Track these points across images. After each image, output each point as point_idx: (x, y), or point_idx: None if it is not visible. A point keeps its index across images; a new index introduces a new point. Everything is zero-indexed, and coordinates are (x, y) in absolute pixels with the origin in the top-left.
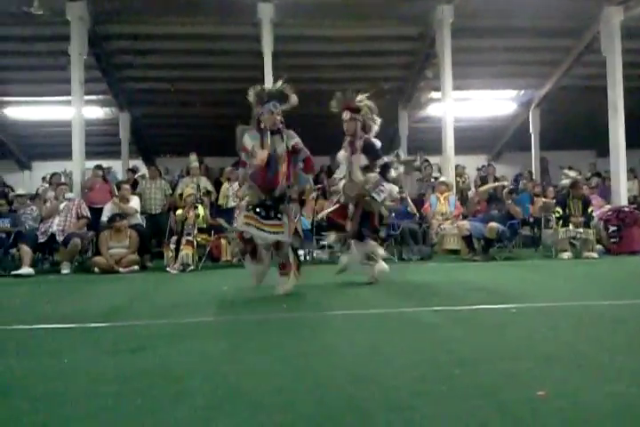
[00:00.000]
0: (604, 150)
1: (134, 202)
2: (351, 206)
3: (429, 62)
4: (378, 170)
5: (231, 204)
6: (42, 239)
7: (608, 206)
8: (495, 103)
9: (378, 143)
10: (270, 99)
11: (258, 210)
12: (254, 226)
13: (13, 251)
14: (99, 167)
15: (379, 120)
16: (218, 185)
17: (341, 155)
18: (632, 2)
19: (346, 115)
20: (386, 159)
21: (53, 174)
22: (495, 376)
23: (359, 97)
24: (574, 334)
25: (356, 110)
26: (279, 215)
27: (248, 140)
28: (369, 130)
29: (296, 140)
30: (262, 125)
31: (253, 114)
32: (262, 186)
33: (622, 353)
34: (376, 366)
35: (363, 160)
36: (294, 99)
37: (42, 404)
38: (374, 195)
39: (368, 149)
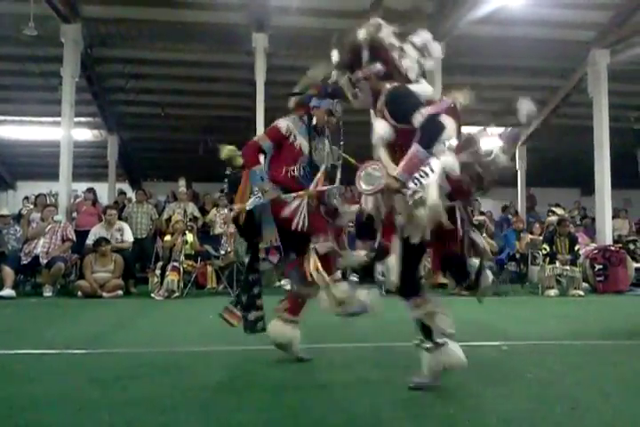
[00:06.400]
0: (588, 189)
1: (127, 233)
2: None
3: None
4: None
5: (218, 230)
6: (25, 261)
7: (594, 245)
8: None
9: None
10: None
11: None
12: None
13: None
14: (90, 190)
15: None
16: (202, 211)
17: None
18: (619, 46)
19: None
20: None
21: (38, 195)
22: (493, 418)
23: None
24: (567, 375)
25: None
26: None
27: None
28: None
29: None
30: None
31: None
32: None
33: (617, 396)
34: (370, 402)
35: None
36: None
37: None
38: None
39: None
